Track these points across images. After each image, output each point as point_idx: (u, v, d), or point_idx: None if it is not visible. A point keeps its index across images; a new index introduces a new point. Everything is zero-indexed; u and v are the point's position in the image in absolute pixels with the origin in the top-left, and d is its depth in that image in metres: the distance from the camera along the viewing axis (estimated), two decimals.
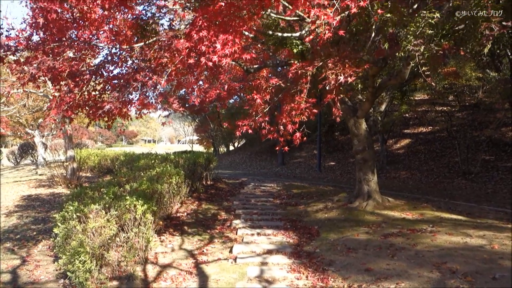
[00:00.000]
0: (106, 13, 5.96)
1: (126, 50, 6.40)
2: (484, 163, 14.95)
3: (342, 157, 22.02)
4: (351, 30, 8.08)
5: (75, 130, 30.58)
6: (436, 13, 5.62)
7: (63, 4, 5.34)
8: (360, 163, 10.35)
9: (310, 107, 6.39)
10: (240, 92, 16.92)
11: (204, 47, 4.93)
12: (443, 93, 18.38)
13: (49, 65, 5.42)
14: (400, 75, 8.74)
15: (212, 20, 5.28)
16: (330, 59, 6.23)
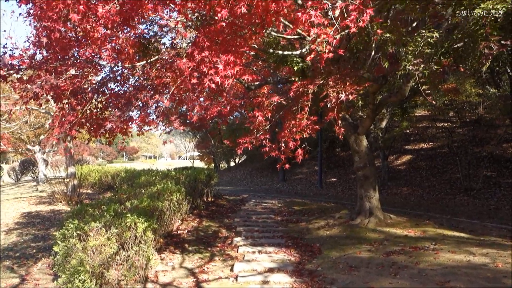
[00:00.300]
0: (108, 32, 6.03)
1: (128, 69, 6.45)
2: (486, 179, 14.90)
3: (343, 173, 21.97)
4: (351, 48, 8.16)
5: (76, 146, 30.61)
6: (435, 32, 5.68)
7: (66, 24, 5.41)
8: (361, 180, 10.33)
9: (311, 124, 6.42)
10: (241, 109, 17.01)
11: (206, 68, 4.97)
12: (443, 109, 18.44)
13: (52, 83, 5.47)
14: (400, 93, 8.79)
15: (213, 39, 5.34)
16: (331, 77, 6.28)
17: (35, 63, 5.93)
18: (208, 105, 7.07)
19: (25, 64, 5.89)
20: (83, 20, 5.23)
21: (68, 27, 5.46)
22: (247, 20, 5.35)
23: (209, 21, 6.47)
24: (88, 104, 6.32)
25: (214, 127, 28.26)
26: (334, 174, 22.44)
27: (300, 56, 8.76)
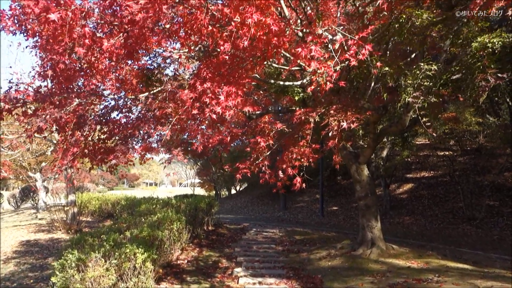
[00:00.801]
0: (113, 63, 6.15)
1: (132, 100, 6.55)
2: (489, 209, 14.78)
3: (344, 202, 21.83)
4: (351, 79, 8.28)
5: (77, 173, 30.58)
6: (433, 65, 5.78)
7: (72, 56, 5.52)
8: (363, 210, 10.26)
9: (311, 152, 6.44)
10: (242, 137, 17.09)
11: (208, 99, 5.05)
12: (444, 138, 18.49)
13: (56, 116, 5.54)
14: (400, 123, 8.85)
15: (216, 71, 5.44)
16: (332, 107, 6.35)
17: (40, 96, 6.02)
18: (210, 134, 7.14)
19: (30, 98, 5.98)
20: (88, 52, 5.35)
21: (73, 59, 5.57)
22: (248, 53, 5.46)
23: (211, 52, 6.59)
24: (91, 135, 6.37)
25: (215, 154, 28.31)
26: (335, 203, 22.29)
27: (301, 86, 8.87)
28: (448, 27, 6.51)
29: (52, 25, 4.67)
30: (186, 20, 4.83)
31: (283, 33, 5.17)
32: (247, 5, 4.65)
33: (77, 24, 4.87)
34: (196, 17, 4.62)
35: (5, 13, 4.99)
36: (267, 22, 4.59)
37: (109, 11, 5.49)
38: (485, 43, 5.36)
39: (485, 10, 4.79)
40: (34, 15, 4.72)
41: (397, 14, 6.01)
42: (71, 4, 4.58)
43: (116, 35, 5.38)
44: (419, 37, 6.26)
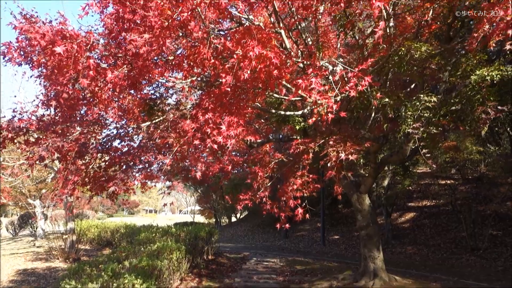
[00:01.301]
0: (116, 93, 6.23)
1: (134, 129, 6.59)
2: (492, 238, 14.59)
3: (346, 231, 21.59)
4: (352, 109, 8.35)
5: (77, 200, 30.42)
6: (433, 97, 5.85)
7: (75, 87, 5.60)
8: (364, 239, 10.15)
9: (312, 182, 6.43)
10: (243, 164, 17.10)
11: (209, 129, 5.09)
12: (445, 167, 18.45)
13: (58, 145, 5.57)
14: (401, 152, 8.86)
15: (217, 101, 5.50)
16: (331, 137, 6.38)
17: (43, 124, 6.08)
18: (211, 162, 7.15)
19: (33, 127, 6.03)
20: (91, 83, 5.43)
21: (77, 90, 5.65)
22: (250, 84, 5.54)
23: (213, 82, 6.69)
24: (92, 163, 6.39)
25: (215, 182, 28.20)
26: (337, 231, 22.04)
27: (302, 116, 8.94)
28: (447, 59, 6.61)
29: (58, 57, 4.76)
30: (189, 53, 4.92)
31: (284, 65, 5.26)
32: (248, 38, 4.75)
33: (82, 56, 4.96)
34: (199, 50, 4.71)
35: (12, 45, 5.10)
36: (268, 56, 4.68)
37: (113, 43, 5.61)
38: (484, 76, 5.44)
39: (484, 45, 4.87)
40: (40, 48, 4.81)
41: (396, 47, 6.12)
42: (77, 37, 4.68)
43: (120, 66, 5.48)
44: (418, 69, 6.35)
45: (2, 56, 5.11)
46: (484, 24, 4.64)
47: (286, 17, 9.04)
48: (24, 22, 5.33)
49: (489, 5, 4.63)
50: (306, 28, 9.40)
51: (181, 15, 4.27)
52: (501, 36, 4.54)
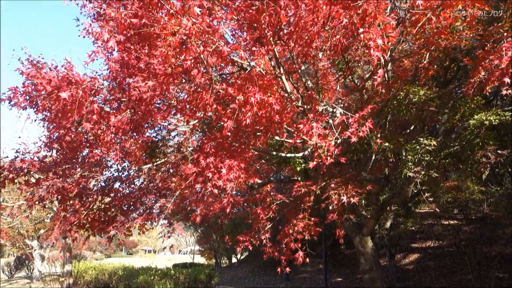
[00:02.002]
0: (118, 136, 6.29)
1: (135, 171, 6.61)
2: (498, 281, 14.23)
3: (349, 273, 21.10)
4: (352, 150, 8.39)
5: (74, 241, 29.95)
6: (432, 140, 5.90)
7: (78, 131, 5.67)
8: (368, 283, 9.90)
9: (313, 226, 6.37)
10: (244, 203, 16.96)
11: (210, 173, 5.12)
12: (447, 207, 18.28)
13: (59, 187, 5.57)
14: (403, 194, 8.82)
15: (218, 145, 5.55)
16: (333, 180, 6.38)
17: (44, 165, 6.11)
18: (211, 203, 7.12)
19: (35, 168, 6.06)
20: (94, 126, 5.50)
21: (80, 134, 5.72)
22: (251, 128, 5.61)
23: (214, 125, 6.77)
24: (91, 206, 6.36)
25: (216, 221, 27.88)
26: (339, 273, 21.54)
27: (303, 157, 8.97)
28: (445, 103, 6.72)
29: (62, 101, 4.85)
30: (191, 98, 5.02)
31: (285, 109, 5.35)
32: (250, 84, 4.86)
33: (86, 100, 5.05)
34: (201, 96, 4.81)
35: (18, 90, 5.21)
36: (269, 101, 4.77)
37: (117, 87, 5.73)
38: (482, 120, 5.51)
39: (480, 90, 4.97)
40: (46, 93, 4.91)
41: (395, 92, 6.24)
42: (82, 82, 4.79)
43: (123, 110, 5.57)
44: (417, 112, 6.44)
45: (8, 100, 5.21)
46: (479, 71, 4.76)
47: (286, 61, 9.26)
48: (31, 68, 5.46)
49: (484, 53, 4.76)
50: (306, 70, 9.61)
51: (184, 63, 4.39)
52: (496, 82, 4.65)
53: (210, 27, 4.45)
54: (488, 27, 6.03)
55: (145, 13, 4.37)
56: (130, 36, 4.72)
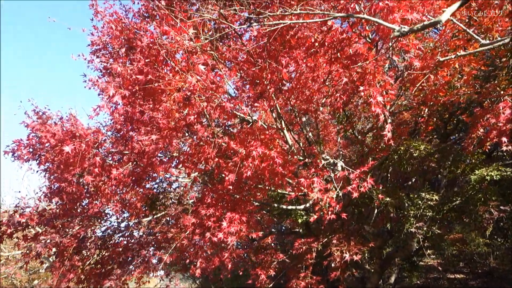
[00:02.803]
0: (119, 188, 6.28)
1: (135, 223, 6.55)
2: None
3: None
4: (354, 203, 8.32)
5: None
6: (434, 195, 5.87)
7: (79, 183, 5.68)
8: None
9: (315, 283, 6.20)
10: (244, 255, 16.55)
11: (210, 222, 5.06)
12: (452, 260, 17.82)
13: (57, 242, 5.50)
14: (406, 248, 8.64)
15: (219, 198, 5.52)
16: (335, 236, 6.29)
17: (43, 219, 6.06)
18: (211, 255, 6.96)
19: (33, 222, 6.02)
20: (96, 178, 5.51)
21: (81, 187, 5.71)
22: (253, 181, 5.61)
23: (215, 178, 6.76)
24: (90, 259, 6.24)
25: (215, 273, 27.08)
26: None
27: (304, 210, 8.88)
28: (446, 157, 6.75)
29: (65, 155, 4.89)
30: (194, 152, 5.06)
31: (287, 162, 5.37)
32: (252, 138, 4.92)
33: (89, 153, 5.10)
34: (203, 150, 4.85)
35: (22, 143, 5.26)
36: (271, 155, 4.80)
37: (120, 140, 5.79)
38: (484, 176, 5.51)
39: (480, 146, 5.02)
40: (50, 146, 4.97)
41: (396, 146, 6.29)
42: (86, 136, 4.86)
43: (125, 162, 5.60)
44: (419, 167, 6.46)
45: (11, 153, 5.25)
46: (478, 129, 4.82)
47: (287, 112, 9.40)
48: (37, 120, 5.56)
49: (482, 111, 4.85)
50: (307, 121, 9.73)
51: (188, 118, 4.47)
52: (495, 139, 4.69)
53: (214, 83, 4.57)
54: (485, 83, 6.18)
55: (150, 69, 4.50)
56: (135, 91, 4.83)
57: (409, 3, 4.63)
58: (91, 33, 6.91)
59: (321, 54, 5.19)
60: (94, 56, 7.01)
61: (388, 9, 4.30)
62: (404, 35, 3.26)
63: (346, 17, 4.04)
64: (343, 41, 5.00)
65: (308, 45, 5.11)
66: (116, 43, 6.62)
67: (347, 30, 5.02)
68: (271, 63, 4.69)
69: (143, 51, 4.67)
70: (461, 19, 5.36)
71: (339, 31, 4.98)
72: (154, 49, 4.59)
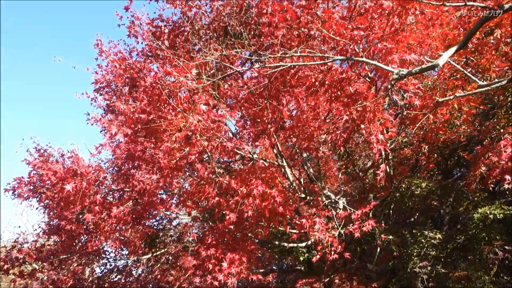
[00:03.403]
0: (119, 226, 6.21)
1: (133, 262, 6.44)
2: None
3: None
4: (356, 241, 8.20)
5: None
6: (437, 233, 5.79)
7: (79, 222, 5.63)
8: None
9: None
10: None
11: (211, 265, 4.97)
12: None
13: (54, 279, 5.40)
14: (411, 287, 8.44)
15: (220, 237, 5.45)
16: (337, 275, 6.16)
17: (41, 255, 5.97)
18: None
19: (31, 259, 5.92)
20: (96, 216, 5.46)
21: (81, 225, 5.66)
22: (254, 220, 5.55)
23: (216, 216, 6.71)
24: None
25: None
26: None
27: (306, 247, 8.74)
28: (448, 194, 6.71)
29: (66, 193, 4.87)
30: (194, 191, 5.04)
31: (288, 201, 5.34)
32: (253, 177, 4.91)
33: (89, 191, 5.08)
34: (204, 189, 4.84)
35: (23, 181, 5.25)
36: (272, 194, 4.78)
37: (121, 178, 5.78)
38: (487, 214, 5.46)
39: (483, 185, 5.00)
40: (51, 183, 4.96)
41: (397, 184, 6.26)
42: (87, 174, 4.85)
43: (126, 200, 5.57)
44: (421, 206, 6.41)
45: (12, 190, 5.24)
46: (480, 166, 4.82)
47: (288, 148, 9.41)
48: (38, 157, 5.57)
49: (483, 149, 4.86)
50: (308, 157, 9.73)
51: (189, 157, 4.48)
52: (498, 177, 4.68)
53: (215, 123, 4.61)
54: (484, 121, 6.22)
55: (153, 109, 4.56)
56: (138, 129, 4.87)
57: (407, 44, 4.74)
58: (95, 71, 7.04)
59: (322, 92, 5.25)
60: (98, 94, 7.11)
61: (386, 50, 4.39)
62: (403, 78, 3.31)
63: (346, 60, 4.11)
64: (343, 80, 5.07)
65: (308, 84, 5.18)
66: (119, 81, 6.73)
67: (346, 70, 5.10)
68: (272, 102, 4.75)
69: (146, 90, 4.75)
70: (459, 59, 5.46)
71: (339, 70, 5.06)
72: (156, 88, 4.67)
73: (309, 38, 5.08)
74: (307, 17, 5.17)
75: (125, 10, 7.19)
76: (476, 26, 3.25)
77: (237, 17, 6.79)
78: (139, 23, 7.19)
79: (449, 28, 5.36)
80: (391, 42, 4.44)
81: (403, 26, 4.54)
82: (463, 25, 5.32)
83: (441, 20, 5.18)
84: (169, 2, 7.01)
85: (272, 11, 5.17)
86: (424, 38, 4.91)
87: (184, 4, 6.86)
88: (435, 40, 5.15)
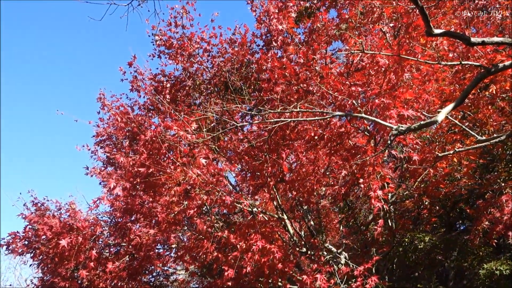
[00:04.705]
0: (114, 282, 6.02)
1: None
2: None
3: None
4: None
5: None
6: None
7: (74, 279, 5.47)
8: None
9: None
10: None
11: None
12: None
13: None
14: None
15: None
16: None
17: None
18: None
19: None
20: (91, 273, 5.30)
21: (75, 282, 5.49)
22: (253, 276, 5.38)
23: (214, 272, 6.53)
24: None
25: None
26: None
27: None
28: (452, 248, 6.57)
29: (61, 248, 4.77)
30: (192, 246, 4.94)
31: (288, 257, 5.21)
32: (252, 231, 4.82)
33: (85, 246, 4.97)
34: (202, 244, 4.73)
35: (18, 235, 5.16)
36: (271, 249, 4.67)
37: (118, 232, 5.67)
38: (493, 270, 5.31)
39: (486, 240, 4.91)
40: (46, 238, 4.86)
41: (400, 238, 6.15)
42: (84, 229, 4.77)
43: (122, 254, 5.44)
44: (425, 259, 6.26)
45: (6, 246, 5.12)
46: (482, 221, 4.75)
47: (288, 200, 9.31)
48: (35, 211, 5.51)
49: (485, 203, 4.81)
50: (308, 209, 9.60)
51: (187, 212, 4.43)
52: (502, 232, 4.60)
53: (214, 176, 4.60)
54: (485, 174, 6.21)
55: (152, 163, 4.56)
56: (136, 183, 4.85)
57: (404, 99, 4.82)
58: (97, 125, 7.14)
59: (321, 146, 5.28)
60: (98, 146, 7.16)
61: (384, 106, 4.46)
62: (402, 134, 3.33)
63: (345, 115, 4.17)
64: (342, 134, 5.11)
65: (308, 138, 5.21)
66: (120, 134, 6.80)
67: (345, 124, 5.16)
68: (272, 156, 4.76)
69: (146, 144, 4.78)
70: (456, 114, 5.54)
71: (338, 124, 5.11)
72: (156, 142, 4.70)
73: (308, 93, 5.19)
74: (306, 73, 5.31)
75: (128, 65, 7.41)
76: (471, 84, 3.31)
77: (237, 72, 6.97)
78: (142, 78, 7.38)
79: (445, 83, 5.48)
80: (389, 98, 4.51)
81: (400, 82, 4.64)
82: (458, 81, 5.44)
83: (436, 76, 5.31)
84: (171, 58, 7.23)
85: (271, 67, 5.32)
86: (420, 93, 5.01)
87: (186, 60, 7.07)
88: (431, 95, 5.25)
